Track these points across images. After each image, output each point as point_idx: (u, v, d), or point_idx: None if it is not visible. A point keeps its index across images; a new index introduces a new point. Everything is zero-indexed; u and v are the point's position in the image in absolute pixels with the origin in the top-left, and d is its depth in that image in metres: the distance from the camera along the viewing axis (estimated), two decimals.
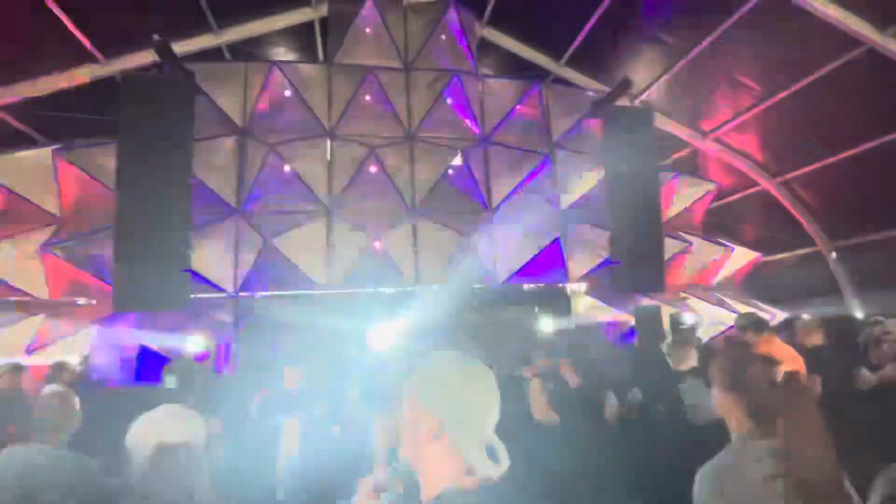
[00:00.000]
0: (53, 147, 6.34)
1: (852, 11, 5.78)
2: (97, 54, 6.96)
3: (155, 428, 2.16)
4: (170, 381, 2.33)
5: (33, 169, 6.30)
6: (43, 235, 6.11)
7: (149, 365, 5.76)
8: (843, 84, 6.52)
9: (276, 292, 7.01)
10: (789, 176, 8.27)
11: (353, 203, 7.38)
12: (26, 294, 6.08)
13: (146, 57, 7.08)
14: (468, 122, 8.19)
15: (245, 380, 3.08)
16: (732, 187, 9.15)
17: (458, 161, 7.72)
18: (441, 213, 7.57)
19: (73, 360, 4.98)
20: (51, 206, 6.41)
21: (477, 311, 6.28)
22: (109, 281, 5.77)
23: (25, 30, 6.29)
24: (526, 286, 7.92)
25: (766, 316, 7.60)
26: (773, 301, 8.39)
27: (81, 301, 6.37)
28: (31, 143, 6.80)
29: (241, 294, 6.82)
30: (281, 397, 2.32)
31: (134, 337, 5.95)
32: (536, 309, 7.12)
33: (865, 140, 6.91)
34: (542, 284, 7.91)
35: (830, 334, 3.43)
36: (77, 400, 2.14)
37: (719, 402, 1.30)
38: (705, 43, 7.08)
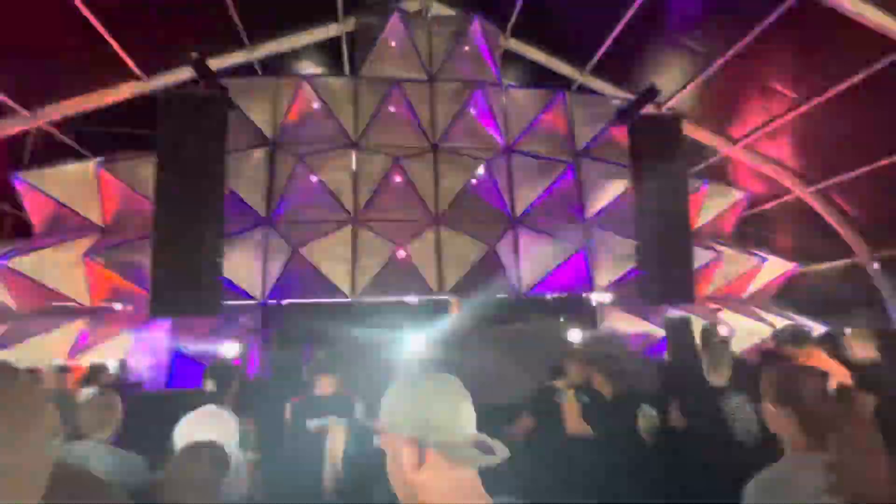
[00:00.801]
0: (97, 161, 6.68)
1: (890, 14, 5.59)
2: (138, 72, 7.33)
3: (190, 428, 2.25)
4: (209, 384, 2.41)
5: (79, 181, 6.65)
6: (86, 244, 6.41)
7: (182, 369, 5.94)
8: (882, 88, 6.28)
9: (302, 300, 7.15)
10: (825, 184, 7.98)
11: (378, 213, 7.49)
12: (70, 299, 6.37)
13: (184, 73, 7.42)
14: (492, 131, 8.24)
15: (277, 384, 3.16)
16: (765, 196, 8.88)
17: (481, 171, 7.76)
18: (465, 222, 7.60)
19: (112, 363, 5.18)
20: (94, 216, 6.74)
21: (501, 321, 6.25)
22: (147, 287, 6.00)
23: (73, 50, 6.67)
24: (550, 296, 7.85)
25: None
26: (812, 313, 8.05)
27: (120, 307, 6.64)
28: (77, 157, 7.18)
29: (269, 301, 6.99)
30: (315, 402, 2.37)
31: (169, 342, 6.16)
32: (562, 319, 7.04)
33: None
34: (567, 294, 7.82)
35: (884, 347, 3.23)
36: (119, 401, 2.25)
37: (772, 416, 1.27)
38: (734, 50, 6.96)
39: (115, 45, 6.73)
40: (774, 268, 8.44)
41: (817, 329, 7.80)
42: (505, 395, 3.16)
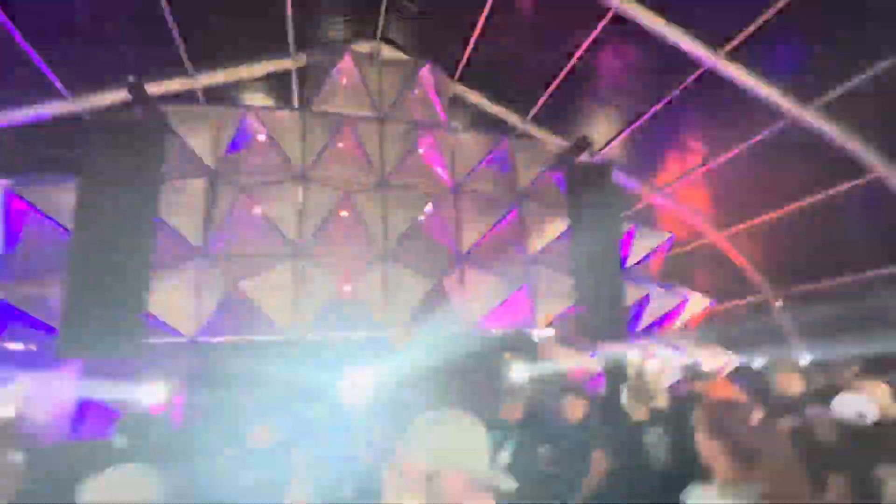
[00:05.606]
0: (5, 184, 6.04)
1: (777, 88, 6.60)
2: (63, 90, 6.85)
3: (99, 488, 2.00)
4: (120, 440, 2.13)
5: None
6: None
7: (92, 418, 5.28)
8: (776, 148, 7.30)
9: (239, 338, 6.71)
10: (735, 229, 8.97)
11: (324, 248, 7.33)
12: None
13: (116, 96, 7.02)
14: (440, 171, 8.48)
15: (207, 434, 2.89)
16: (684, 239, 9.80)
17: (429, 208, 7.90)
18: (412, 258, 7.63)
19: (7, 412, 4.52)
20: None
21: (448, 357, 6.23)
22: (54, 325, 5.37)
23: None
24: (495, 332, 7.97)
25: (719, 361, 7.96)
26: (728, 347, 8.80)
27: (20, 347, 5.86)
28: None
29: (200, 339, 6.49)
30: (249, 455, 2.20)
31: (77, 387, 5.48)
32: (507, 355, 7.14)
33: (803, 196, 7.66)
34: (511, 330, 7.99)
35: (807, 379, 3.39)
36: (20, 458, 1.97)
37: (705, 448, 1.37)
38: (654, 109, 7.82)
39: (38, 60, 6.28)
40: (696, 304, 9.20)
41: (735, 362, 8.55)
42: None
